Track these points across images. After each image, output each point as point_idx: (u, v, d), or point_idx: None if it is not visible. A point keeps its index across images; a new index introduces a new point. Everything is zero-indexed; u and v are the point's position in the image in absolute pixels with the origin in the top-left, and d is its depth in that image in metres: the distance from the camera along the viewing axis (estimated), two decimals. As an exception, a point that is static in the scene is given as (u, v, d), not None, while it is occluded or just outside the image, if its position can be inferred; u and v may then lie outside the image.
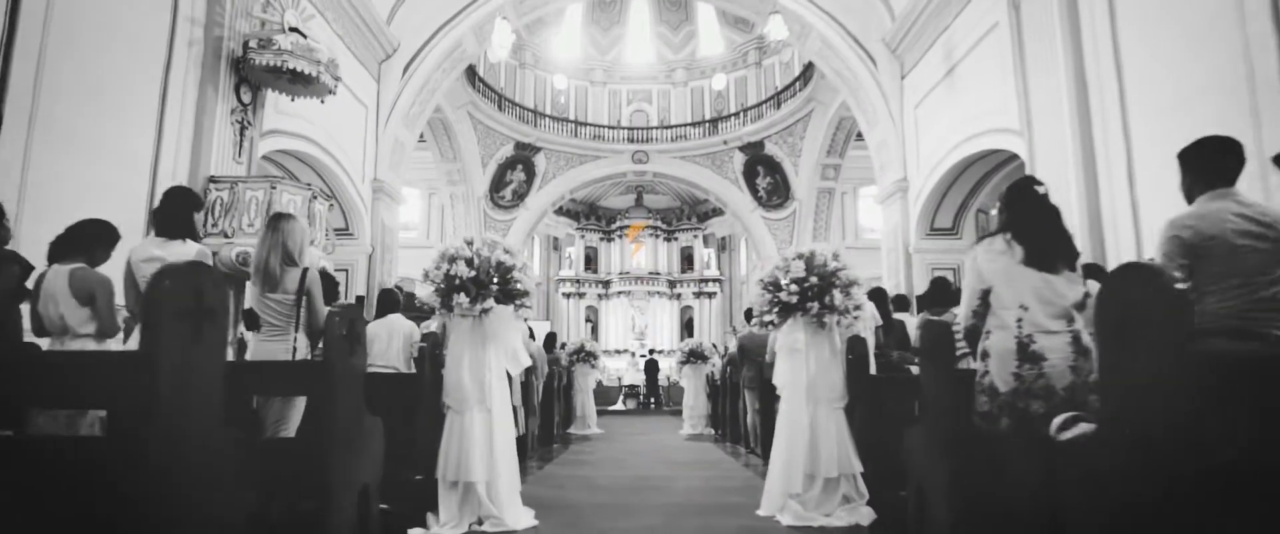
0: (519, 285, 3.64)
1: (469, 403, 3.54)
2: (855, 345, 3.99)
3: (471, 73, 17.39)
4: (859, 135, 18.48)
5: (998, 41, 7.87)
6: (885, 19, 10.64)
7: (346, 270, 9.74)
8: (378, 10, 10.03)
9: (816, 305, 3.82)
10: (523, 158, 19.08)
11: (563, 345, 10.93)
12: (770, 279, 3.98)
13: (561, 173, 19.69)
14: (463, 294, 3.47)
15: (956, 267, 10.19)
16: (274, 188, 6.15)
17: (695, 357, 10.58)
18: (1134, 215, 5.70)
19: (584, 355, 10.62)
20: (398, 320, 4.91)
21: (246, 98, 6.80)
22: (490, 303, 3.52)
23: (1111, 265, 5.81)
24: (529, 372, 6.44)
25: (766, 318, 4.03)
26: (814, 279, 3.83)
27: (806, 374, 3.86)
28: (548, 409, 8.38)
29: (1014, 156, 8.17)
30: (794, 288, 3.83)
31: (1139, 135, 5.66)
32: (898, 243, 10.66)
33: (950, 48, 9.14)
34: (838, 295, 3.82)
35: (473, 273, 3.49)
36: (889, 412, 3.93)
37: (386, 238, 10.72)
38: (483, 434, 3.54)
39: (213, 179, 6.16)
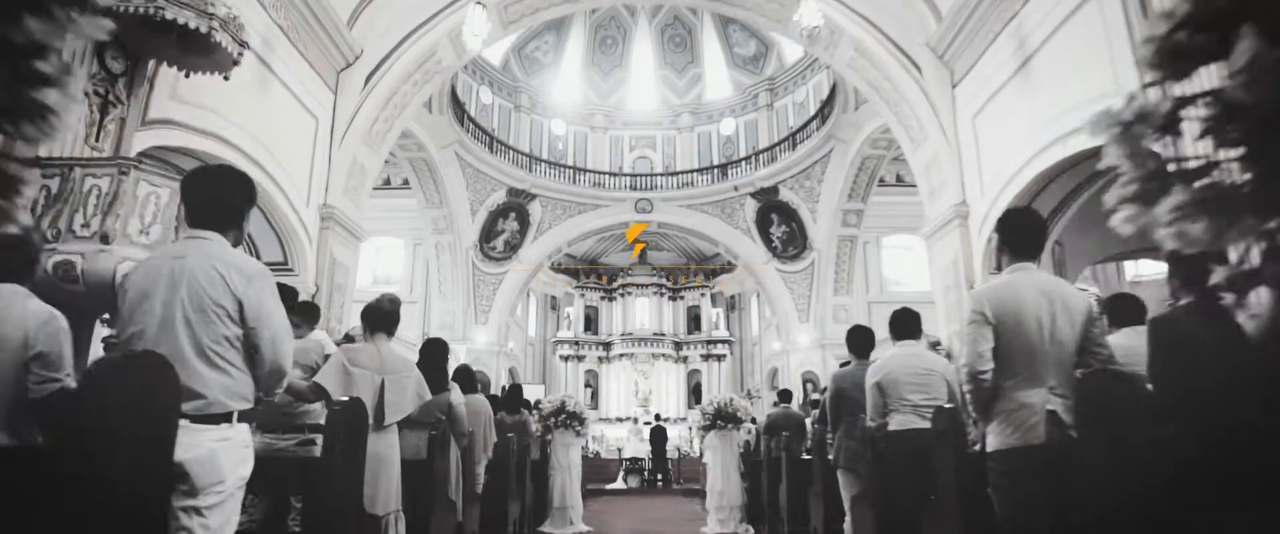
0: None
1: None
2: None
3: (460, 111, 15.98)
4: (882, 180, 17.02)
5: (1100, 11, 6.22)
6: (929, 20, 9.12)
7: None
8: (337, 10, 8.52)
9: None
10: (516, 205, 17.45)
11: (537, 405, 8.08)
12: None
13: (558, 222, 18.01)
14: None
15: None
16: (126, 173, 4.34)
17: (723, 420, 7.41)
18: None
19: (566, 419, 7.67)
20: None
21: (117, 66, 5.09)
22: None
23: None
24: (445, 436, 3.83)
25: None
26: None
27: None
28: (499, 499, 5.57)
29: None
30: None
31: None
32: (957, 281, 8.74)
33: (1022, 37, 7.52)
34: None
35: None
36: None
37: (338, 276, 8.84)
38: None
39: (40, 161, 4.36)
